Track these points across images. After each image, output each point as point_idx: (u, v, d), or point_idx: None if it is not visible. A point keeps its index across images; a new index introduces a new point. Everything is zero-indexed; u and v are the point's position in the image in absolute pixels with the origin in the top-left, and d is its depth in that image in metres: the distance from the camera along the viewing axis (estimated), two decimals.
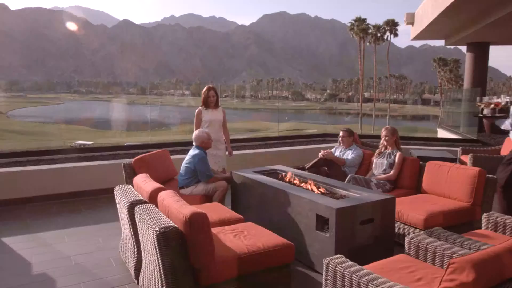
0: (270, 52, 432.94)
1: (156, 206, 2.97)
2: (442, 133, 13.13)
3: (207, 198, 4.54)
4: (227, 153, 5.45)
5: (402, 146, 7.87)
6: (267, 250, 2.87)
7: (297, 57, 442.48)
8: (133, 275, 3.21)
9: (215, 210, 3.76)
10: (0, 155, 6.11)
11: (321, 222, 3.38)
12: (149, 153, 4.83)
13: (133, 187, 3.57)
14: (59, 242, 4.00)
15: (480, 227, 3.42)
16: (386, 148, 4.91)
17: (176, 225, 2.53)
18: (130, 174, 4.59)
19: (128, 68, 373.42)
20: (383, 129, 4.97)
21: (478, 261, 1.85)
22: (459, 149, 6.84)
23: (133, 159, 4.60)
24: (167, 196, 2.92)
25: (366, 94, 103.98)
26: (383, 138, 4.89)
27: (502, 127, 4.54)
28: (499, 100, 4.59)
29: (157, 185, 3.27)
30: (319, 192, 3.82)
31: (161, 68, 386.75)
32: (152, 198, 3.14)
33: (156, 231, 2.44)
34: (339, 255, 2.41)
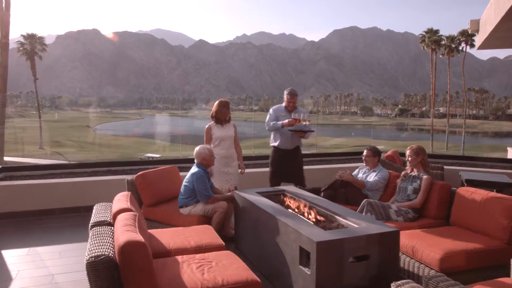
0: (339, 67, 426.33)
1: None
2: None
3: (207, 219, 4.25)
4: (239, 170, 5.14)
5: (453, 167, 7.03)
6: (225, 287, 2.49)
7: (367, 72, 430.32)
8: None
9: (200, 234, 3.45)
10: (33, 167, 6.40)
11: (305, 256, 2.91)
12: (153, 169, 4.70)
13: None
14: (52, 258, 3.96)
15: None
16: (412, 170, 4.25)
17: (111, 255, 2.27)
18: (133, 190, 4.48)
19: (202, 85, 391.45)
20: (407, 149, 4.33)
21: None
22: None
23: (135, 175, 4.49)
24: (121, 219, 2.68)
25: (442, 109, 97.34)
26: (407, 159, 4.25)
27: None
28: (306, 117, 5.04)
29: (124, 205, 3.05)
30: (313, 220, 3.34)
31: (232, 85, 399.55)
32: (115, 219, 2.93)
33: (87, 259, 2.21)
34: None
